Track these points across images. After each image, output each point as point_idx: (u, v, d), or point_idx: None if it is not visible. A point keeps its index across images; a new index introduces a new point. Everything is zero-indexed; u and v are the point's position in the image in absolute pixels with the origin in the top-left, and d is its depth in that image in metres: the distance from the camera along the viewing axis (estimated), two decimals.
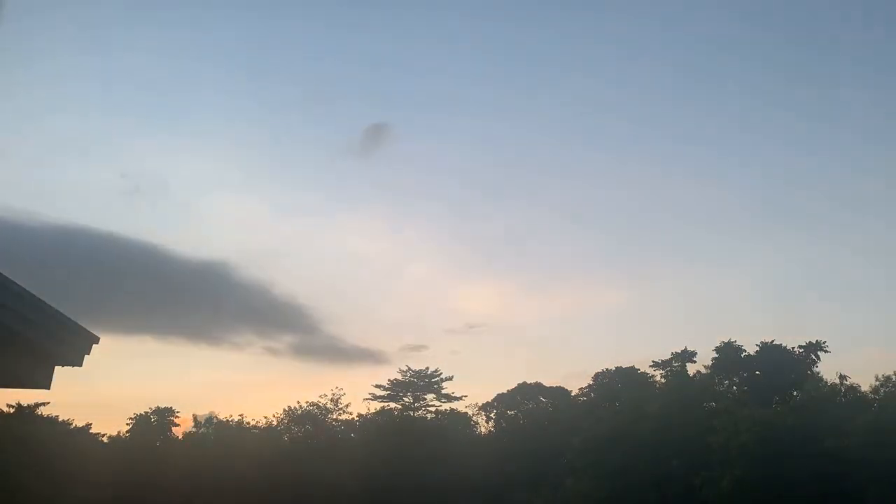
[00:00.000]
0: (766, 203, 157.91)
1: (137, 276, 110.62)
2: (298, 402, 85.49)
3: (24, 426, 65.00)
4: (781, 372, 69.07)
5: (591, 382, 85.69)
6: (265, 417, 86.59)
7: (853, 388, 62.66)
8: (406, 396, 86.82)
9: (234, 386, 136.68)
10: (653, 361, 79.75)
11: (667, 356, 79.25)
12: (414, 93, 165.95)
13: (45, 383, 7.73)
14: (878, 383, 63.77)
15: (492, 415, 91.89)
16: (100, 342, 7.81)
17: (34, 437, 63.96)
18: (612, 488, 62.86)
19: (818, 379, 66.08)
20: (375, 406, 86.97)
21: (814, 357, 70.70)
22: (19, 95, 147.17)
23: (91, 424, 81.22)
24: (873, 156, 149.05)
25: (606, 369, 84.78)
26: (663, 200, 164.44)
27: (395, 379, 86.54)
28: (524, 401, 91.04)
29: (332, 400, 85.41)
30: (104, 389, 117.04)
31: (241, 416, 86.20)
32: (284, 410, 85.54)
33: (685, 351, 78.45)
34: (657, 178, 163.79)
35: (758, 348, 72.13)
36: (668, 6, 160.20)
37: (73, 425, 78.08)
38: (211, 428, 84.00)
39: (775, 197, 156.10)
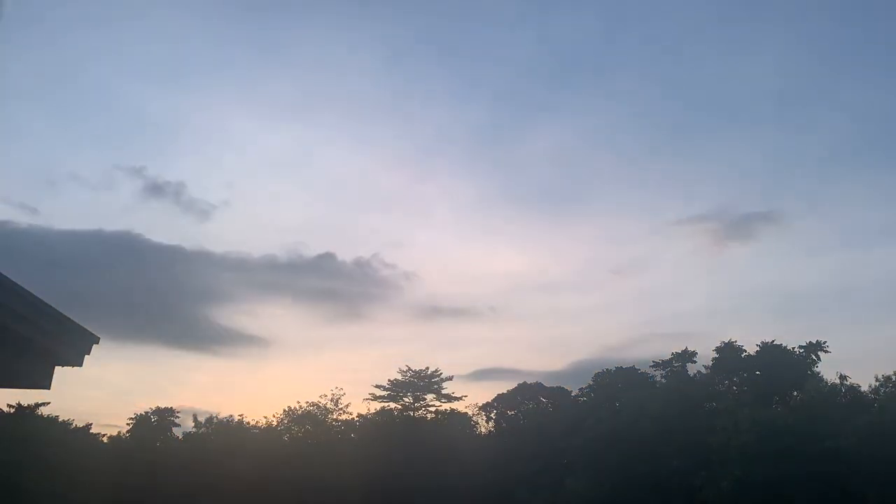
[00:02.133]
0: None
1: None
2: (298, 402, 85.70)
3: (24, 426, 64.96)
4: (781, 372, 68.95)
5: (592, 382, 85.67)
6: (265, 417, 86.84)
7: (853, 388, 62.66)
8: (406, 396, 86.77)
9: None
10: (653, 362, 79.81)
11: (667, 356, 79.34)
12: None
13: (45, 383, 7.73)
14: (878, 383, 63.89)
15: (492, 415, 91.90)
16: (99, 342, 7.81)
17: (34, 437, 63.93)
18: (612, 488, 62.90)
19: (818, 379, 66.03)
20: (375, 406, 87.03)
21: (814, 357, 70.60)
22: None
23: (91, 424, 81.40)
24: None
25: (607, 370, 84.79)
26: None
27: (395, 379, 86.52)
28: (524, 401, 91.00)
29: (331, 400, 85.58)
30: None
31: (240, 415, 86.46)
32: (284, 410, 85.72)
33: (685, 351, 78.43)
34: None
35: (758, 348, 72.09)
36: None
37: (74, 425, 78.11)
38: (211, 428, 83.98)
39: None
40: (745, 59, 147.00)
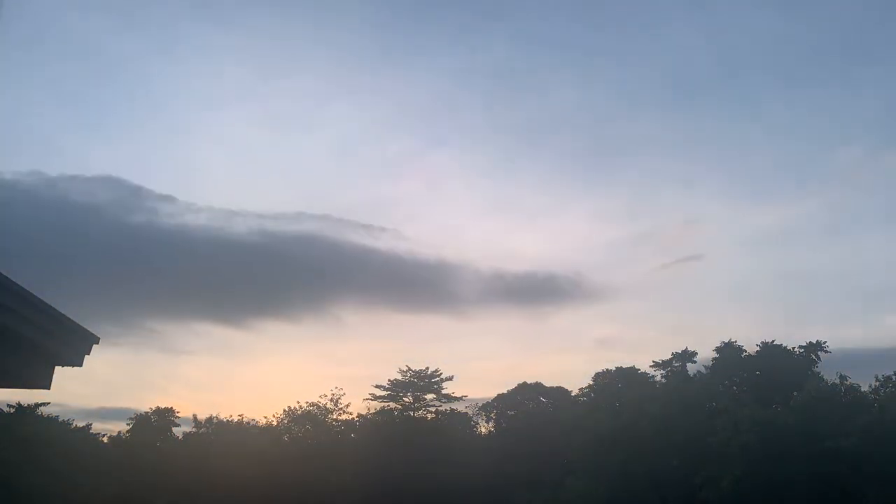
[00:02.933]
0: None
1: None
2: (298, 403, 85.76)
3: (24, 426, 64.94)
4: (781, 372, 69.01)
5: (592, 382, 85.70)
6: (265, 417, 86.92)
7: (853, 388, 62.63)
8: (406, 396, 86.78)
9: None
10: (653, 361, 79.84)
11: (667, 356, 79.35)
12: None
13: (45, 383, 7.72)
14: (878, 383, 63.91)
15: (492, 415, 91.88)
16: (99, 342, 7.81)
17: (34, 437, 63.91)
18: (612, 488, 62.87)
19: (818, 379, 66.05)
20: (375, 406, 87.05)
21: (814, 357, 70.66)
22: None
23: (91, 424, 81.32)
24: None
25: (606, 370, 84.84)
26: None
27: (395, 379, 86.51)
28: (524, 401, 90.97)
29: (331, 400, 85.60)
30: None
31: (241, 415, 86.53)
32: (284, 410, 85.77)
33: (685, 351, 78.51)
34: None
35: (758, 348, 72.13)
36: None
37: (74, 425, 78.04)
38: (211, 428, 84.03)
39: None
40: (792, 8, 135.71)
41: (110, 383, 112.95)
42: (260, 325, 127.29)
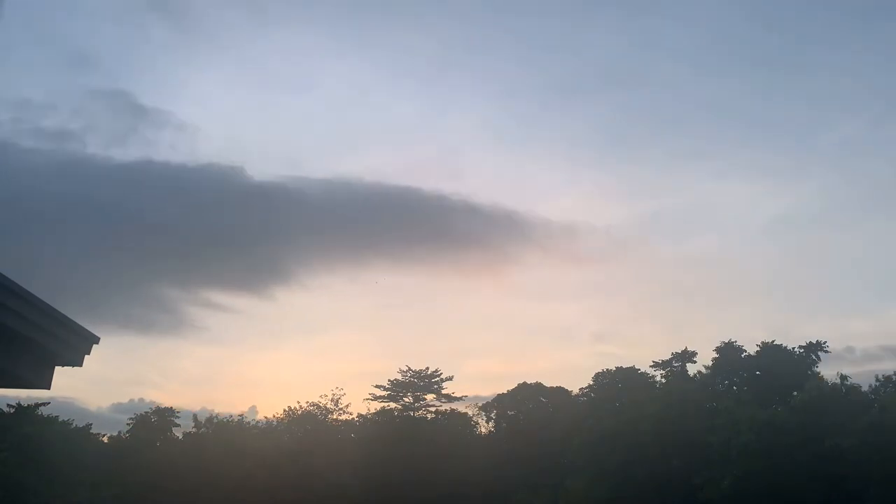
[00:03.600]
0: None
1: None
2: (298, 403, 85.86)
3: (24, 426, 64.89)
4: (781, 372, 69.03)
5: (592, 382, 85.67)
6: (265, 417, 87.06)
7: (853, 388, 62.64)
8: (406, 396, 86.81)
9: None
10: (653, 362, 79.84)
11: (667, 356, 79.34)
12: None
13: (45, 383, 7.72)
14: (878, 383, 63.94)
15: (492, 415, 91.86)
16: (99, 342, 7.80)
17: (34, 437, 63.88)
18: (612, 488, 62.89)
19: (818, 379, 66.06)
20: (375, 406, 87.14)
21: (814, 357, 70.69)
22: None
23: (91, 424, 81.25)
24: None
25: (606, 369, 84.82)
26: None
27: (395, 379, 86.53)
28: (524, 401, 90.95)
29: (332, 400, 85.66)
30: None
31: (240, 415, 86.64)
32: (285, 411, 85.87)
33: (685, 351, 78.53)
34: None
35: (758, 348, 72.15)
36: None
37: (73, 425, 77.97)
38: (211, 428, 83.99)
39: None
40: None
41: (113, 377, 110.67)
42: (284, 293, 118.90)
